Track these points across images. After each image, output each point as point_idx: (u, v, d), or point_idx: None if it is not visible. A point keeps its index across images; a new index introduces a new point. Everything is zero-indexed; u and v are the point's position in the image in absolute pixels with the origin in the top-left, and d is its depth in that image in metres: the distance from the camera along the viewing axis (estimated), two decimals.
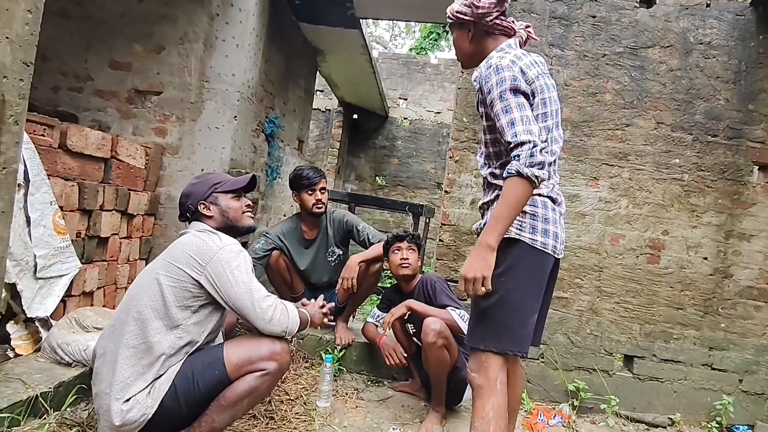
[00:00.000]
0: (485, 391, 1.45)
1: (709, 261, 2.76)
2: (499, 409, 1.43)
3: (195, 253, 1.52)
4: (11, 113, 1.38)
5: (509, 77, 1.43)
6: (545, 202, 1.50)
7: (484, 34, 1.59)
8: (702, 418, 2.73)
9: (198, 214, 1.69)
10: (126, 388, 1.43)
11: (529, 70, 1.48)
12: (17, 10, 1.35)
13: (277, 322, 1.58)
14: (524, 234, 1.45)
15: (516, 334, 1.46)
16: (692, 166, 2.76)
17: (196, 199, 1.69)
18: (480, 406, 1.45)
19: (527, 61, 1.51)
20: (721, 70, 2.77)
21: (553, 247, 1.49)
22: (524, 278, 1.45)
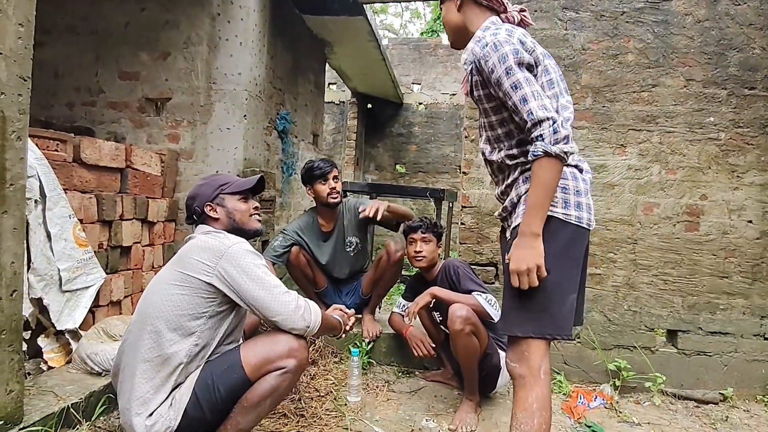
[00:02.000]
0: (528, 381, 1.35)
1: (755, 224, 2.56)
2: (543, 399, 1.34)
3: (203, 255, 1.49)
4: (13, 129, 1.37)
5: (511, 51, 1.34)
6: (574, 173, 1.40)
7: (473, 4, 1.52)
8: (757, 391, 2.56)
9: (204, 216, 1.66)
10: (146, 402, 1.41)
11: (526, 39, 1.40)
12: (8, 24, 1.33)
13: (299, 317, 1.53)
14: (557, 209, 1.35)
15: (555, 316, 1.35)
16: (729, 124, 2.56)
17: (202, 201, 1.65)
18: (523, 397, 1.35)
19: (520, 31, 1.43)
20: (754, 16, 2.55)
21: (588, 221, 1.40)
22: (560, 256, 1.35)
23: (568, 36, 2.65)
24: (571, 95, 2.63)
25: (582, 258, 1.45)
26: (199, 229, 1.64)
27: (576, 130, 2.66)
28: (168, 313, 1.45)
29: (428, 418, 2.11)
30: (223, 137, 2.96)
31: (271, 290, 1.50)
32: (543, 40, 2.66)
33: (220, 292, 1.49)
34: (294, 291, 1.61)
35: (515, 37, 1.38)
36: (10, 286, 1.40)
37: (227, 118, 2.95)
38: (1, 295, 1.37)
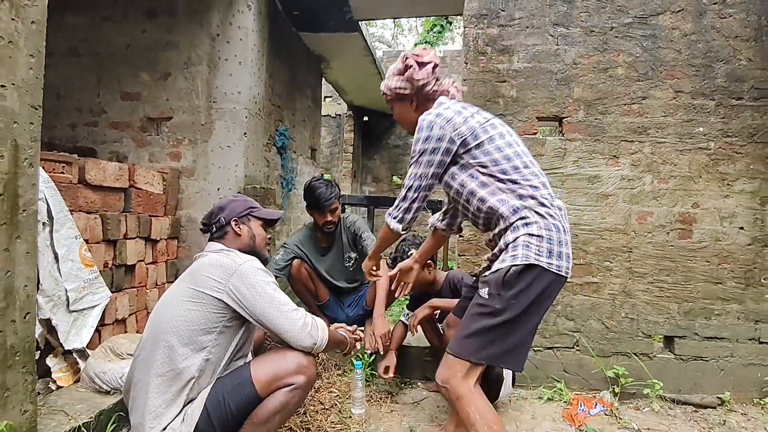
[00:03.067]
0: (466, 398, 1.50)
1: (746, 230, 2.63)
2: (482, 408, 1.50)
3: (214, 272, 1.53)
4: (25, 156, 1.42)
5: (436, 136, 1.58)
6: (557, 225, 1.51)
7: (426, 101, 1.72)
8: (754, 395, 2.60)
9: (222, 231, 1.71)
10: (159, 416, 1.45)
11: (465, 122, 1.58)
12: (20, 56, 1.39)
13: (306, 334, 1.57)
14: (542, 259, 1.46)
15: (512, 351, 1.51)
16: (718, 133, 2.64)
17: (231, 215, 1.71)
18: (465, 415, 1.50)
19: (467, 113, 1.61)
20: (740, 29, 2.64)
21: (566, 269, 1.52)
22: (534, 302, 1.48)
23: (559, 51, 2.73)
24: (563, 108, 2.72)
25: (549, 305, 1.59)
26: (211, 246, 1.68)
27: (570, 142, 2.73)
28: (180, 328, 1.49)
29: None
30: (224, 155, 3.01)
31: (280, 307, 1.55)
32: (535, 55, 2.74)
33: (230, 308, 1.53)
34: (302, 308, 1.65)
35: (443, 117, 1.59)
36: (23, 309, 1.44)
37: (228, 136, 3.01)
38: (15, 318, 1.41)
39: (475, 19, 2.79)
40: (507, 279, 1.46)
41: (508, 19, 2.76)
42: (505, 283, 1.46)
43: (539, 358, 2.72)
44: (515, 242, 1.48)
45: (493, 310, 1.47)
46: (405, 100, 1.75)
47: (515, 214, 1.51)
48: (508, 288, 1.46)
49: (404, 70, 1.71)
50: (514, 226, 1.51)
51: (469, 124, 1.58)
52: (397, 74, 1.74)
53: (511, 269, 1.46)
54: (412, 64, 1.68)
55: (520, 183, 1.53)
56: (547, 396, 2.55)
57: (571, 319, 2.71)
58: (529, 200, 1.51)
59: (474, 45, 2.79)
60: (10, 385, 1.40)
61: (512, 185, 1.53)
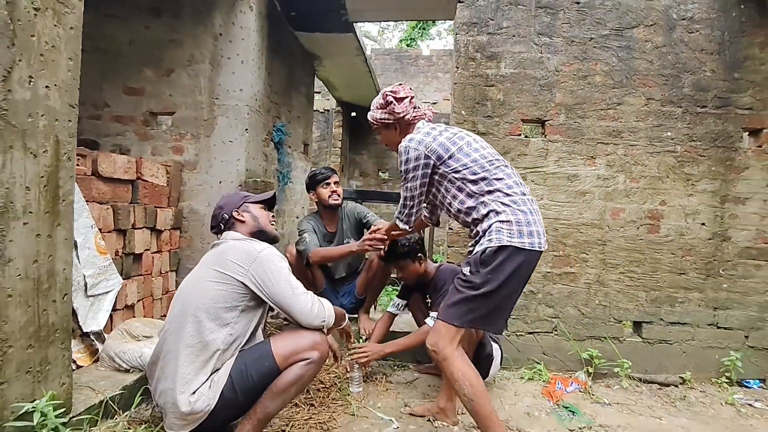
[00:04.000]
0: (448, 360, 1.78)
1: (707, 226, 2.90)
2: (463, 368, 1.77)
3: (238, 259, 1.72)
4: (64, 151, 1.56)
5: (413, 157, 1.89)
6: (524, 210, 1.78)
7: (407, 126, 2.04)
8: (712, 374, 2.89)
9: (231, 223, 1.91)
10: (188, 382, 1.62)
11: (434, 140, 1.89)
12: (61, 59, 1.52)
13: (315, 314, 1.77)
14: (514, 239, 1.73)
15: (491, 318, 1.79)
16: (684, 138, 2.90)
17: (230, 208, 1.92)
18: (449, 374, 1.79)
19: (435, 132, 1.93)
20: (705, 43, 2.90)
21: (539, 244, 1.77)
22: (509, 276, 1.73)
23: (543, 59, 2.95)
24: (546, 112, 2.94)
25: (529, 274, 1.84)
26: (228, 235, 1.88)
27: (551, 143, 2.95)
28: (208, 305, 1.68)
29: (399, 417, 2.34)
30: (226, 149, 3.14)
31: (294, 291, 1.73)
32: (521, 62, 2.95)
33: (251, 290, 1.71)
34: (310, 291, 1.83)
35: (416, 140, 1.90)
36: (62, 290, 1.58)
37: (230, 132, 3.14)
38: (56, 298, 1.55)
39: (466, 27, 2.99)
40: (483, 258, 1.74)
41: (497, 27, 2.97)
42: (482, 262, 1.74)
43: (521, 342, 2.96)
44: (489, 229, 1.77)
45: (474, 284, 1.74)
46: (389, 127, 2.07)
47: (486, 207, 1.79)
48: (485, 266, 1.73)
49: (386, 105, 2.02)
50: (488, 217, 1.79)
51: (438, 140, 1.88)
52: (380, 108, 2.05)
53: (486, 250, 1.74)
54: (391, 101, 2.00)
55: (488, 178, 1.82)
56: (528, 376, 2.79)
57: (551, 306, 2.95)
58: (497, 193, 1.80)
59: (464, 51, 2.99)
60: (51, 360, 1.54)
61: (482, 183, 1.82)
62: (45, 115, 1.47)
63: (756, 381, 2.90)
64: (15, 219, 1.38)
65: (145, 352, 2.05)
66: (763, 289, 2.90)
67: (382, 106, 2.03)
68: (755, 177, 2.88)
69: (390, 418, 2.20)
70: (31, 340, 1.46)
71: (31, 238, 1.44)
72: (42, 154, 1.46)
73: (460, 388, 1.75)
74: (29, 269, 1.44)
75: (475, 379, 1.76)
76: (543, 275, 2.95)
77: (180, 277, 3.15)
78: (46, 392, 1.48)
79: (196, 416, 1.62)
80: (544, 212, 2.93)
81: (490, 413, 1.74)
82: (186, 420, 1.62)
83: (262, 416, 1.71)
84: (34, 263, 1.46)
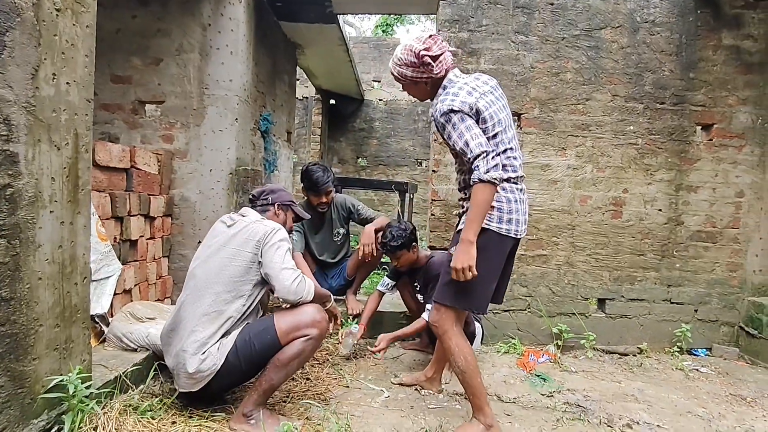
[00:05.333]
0: (449, 334, 1.93)
1: (664, 212, 3.21)
2: (460, 344, 1.93)
3: (254, 236, 1.92)
4: (83, 143, 1.65)
5: (456, 109, 1.78)
6: (508, 198, 1.86)
7: (438, 80, 1.92)
8: (665, 345, 3.23)
9: (266, 207, 2.14)
10: (202, 345, 1.80)
11: (470, 96, 1.81)
12: (79, 56, 1.61)
13: (294, 291, 1.88)
14: (493, 224, 1.85)
15: (476, 297, 1.91)
16: (644, 131, 3.18)
17: (278, 199, 2.18)
18: (447, 347, 1.94)
19: (470, 86, 1.85)
20: (665, 44, 3.17)
21: (515, 232, 1.89)
22: (492, 257, 1.86)
23: (519, 56, 3.16)
24: (522, 106, 3.15)
25: (505, 258, 1.94)
26: (249, 212, 2.09)
27: (527, 135, 3.18)
28: (225, 278, 1.86)
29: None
30: (216, 138, 3.22)
31: (282, 265, 1.89)
32: (499, 58, 3.15)
33: (260, 264, 1.90)
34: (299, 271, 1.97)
35: (462, 93, 1.80)
36: (82, 274, 1.69)
37: (220, 121, 3.22)
38: (77, 281, 1.66)
39: (448, 24, 3.16)
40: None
41: (477, 25, 3.15)
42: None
43: (497, 319, 3.21)
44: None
45: None
46: (419, 83, 1.94)
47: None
48: None
49: (420, 65, 1.86)
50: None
51: (481, 103, 1.81)
52: (411, 66, 1.88)
53: None
54: (429, 62, 1.85)
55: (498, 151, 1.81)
56: (504, 350, 3.05)
57: (525, 286, 3.21)
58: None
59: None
60: (75, 338, 1.66)
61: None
62: (66, 110, 1.56)
63: (703, 350, 3.26)
64: (43, 207, 1.49)
65: (151, 333, 2.18)
66: (710, 268, 3.24)
67: (414, 65, 1.86)
68: (706, 168, 3.20)
69: (381, 389, 2.40)
70: (57, 320, 1.57)
71: (56, 225, 1.55)
72: (64, 146, 1.56)
73: (456, 360, 1.92)
74: (55, 254, 1.55)
75: (469, 353, 1.93)
76: (518, 257, 3.18)
77: (172, 263, 3.24)
78: (72, 368, 1.61)
79: (203, 374, 1.80)
80: None
81: (479, 385, 1.93)
82: (194, 379, 1.81)
83: (267, 387, 1.88)
84: (59, 248, 1.57)
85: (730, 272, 3.24)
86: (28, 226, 1.44)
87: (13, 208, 1.38)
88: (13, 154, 1.38)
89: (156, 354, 2.18)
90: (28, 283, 1.45)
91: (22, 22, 1.37)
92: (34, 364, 1.48)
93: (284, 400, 2.18)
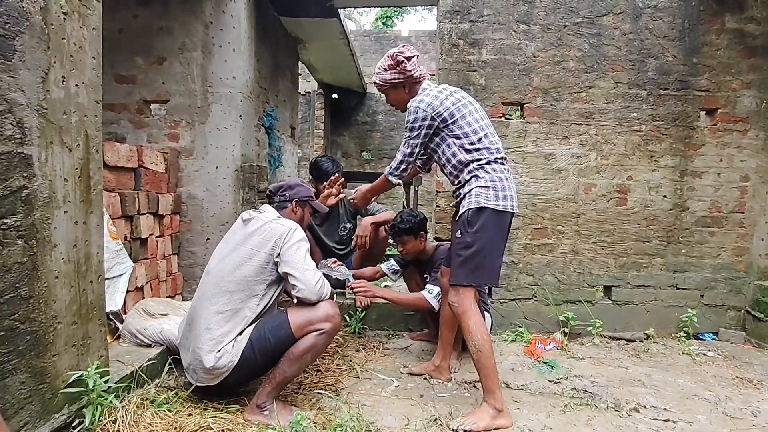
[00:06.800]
0: (467, 313, 2.04)
1: (668, 198, 3.21)
2: (478, 323, 2.04)
3: (272, 237, 1.93)
4: (93, 144, 1.69)
5: (420, 114, 2.10)
6: (500, 177, 2.06)
7: (414, 85, 2.22)
8: (672, 330, 3.25)
9: (283, 204, 2.14)
10: (218, 344, 1.83)
11: (435, 100, 2.10)
12: (86, 59, 1.63)
13: (317, 291, 1.92)
14: (491, 203, 2.02)
15: (488, 271, 2.07)
16: (648, 118, 3.17)
17: (296, 195, 2.17)
18: (466, 326, 2.04)
19: (438, 90, 2.14)
20: (668, 30, 3.15)
21: (512, 207, 2.07)
22: (492, 232, 2.03)
23: (521, 45, 3.15)
24: (525, 95, 3.15)
25: (507, 232, 2.14)
26: (267, 209, 2.09)
27: (529, 125, 3.19)
28: (238, 277, 1.89)
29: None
30: (221, 136, 3.25)
31: (304, 265, 1.91)
32: (501, 48, 3.14)
33: (276, 264, 1.92)
34: (320, 272, 2.00)
35: (428, 99, 2.10)
36: (97, 272, 1.73)
37: (224, 119, 3.25)
38: (93, 279, 1.70)
39: (449, 15, 3.15)
40: (469, 219, 2.02)
41: (478, 15, 3.14)
42: (468, 222, 2.02)
43: (505, 309, 3.24)
44: (470, 193, 2.05)
45: (467, 243, 2.02)
46: (398, 87, 2.23)
47: (470, 174, 2.07)
48: (471, 225, 2.02)
49: (396, 65, 2.17)
50: (468, 182, 2.08)
51: (445, 105, 2.09)
52: (389, 69, 2.20)
53: (469, 212, 2.02)
54: (402, 60, 2.15)
55: (480, 149, 2.07)
56: (512, 338, 3.08)
57: (531, 275, 3.23)
58: (482, 161, 2.06)
59: (448, 38, 3.16)
60: (91, 334, 1.71)
61: (474, 152, 2.07)
62: (76, 112, 1.59)
63: (710, 334, 3.28)
64: (57, 208, 1.52)
65: (165, 328, 2.22)
66: (716, 253, 3.24)
67: (391, 66, 2.17)
68: (710, 153, 3.19)
69: (390, 378, 2.44)
70: (75, 317, 1.62)
71: (70, 225, 1.58)
72: (76, 147, 1.59)
73: (473, 339, 2.00)
74: (70, 253, 1.59)
75: (486, 334, 2.02)
76: (523, 246, 3.22)
77: (181, 260, 3.29)
78: (91, 363, 1.65)
79: (220, 371, 1.84)
80: (524, 189, 3.18)
81: (492, 366, 1.99)
82: (212, 374, 1.85)
83: (280, 379, 1.92)
84: (74, 247, 1.61)
85: (736, 257, 3.24)
86: (44, 226, 1.48)
87: (29, 209, 1.42)
88: (27, 156, 1.41)
89: (170, 349, 2.23)
90: (46, 282, 1.49)
91: (30, 26, 1.40)
92: (53, 360, 1.53)
93: (296, 392, 2.22)
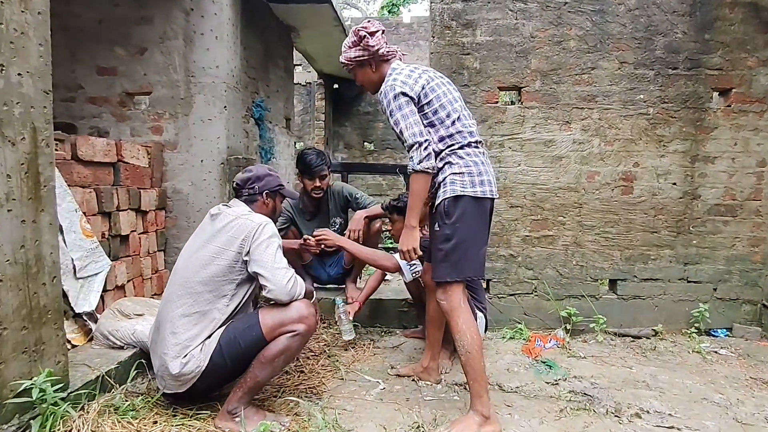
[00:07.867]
0: (455, 311, 1.89)
1: (678, 185, 3.01)
2: (467, 321, 1.88)
3: (240, 233, 1.80)
4: (42, 137, 1.57)
5: (397, 91, 1.87)
6: (475, 162, 1.91)
7: (382, 63, 2.04)
8: (682, 326, 3.06)
9: (255, 199, 1.97)
10: (184, 348, 1.72)
11: (409, 78, 1.91)
12: (31, 45, 1.51)
13: (288, 291, 1.79)
14: (468, 189, 1.87)
15: (472, 263, 1.91)
16: (656, 100, 2.96)
17: (265, 187, 1.99)
18: (454, 324, 1.89)
19: (409, 69, 1.96)
20: (677, 4, 2.92)
21: (490, 192, 1.92)
22: (473, 221, 1.89)
23: (518, 25, 2.96)
24: (522, 78, 2.97)
25: (487, 219, 1.99)
26: (237, 204, 1.94)
27: (528, 110, 3.00)
28: (205, 277, 1.76)
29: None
30: (205, 128, 3.13)
31: (274, 263, 1.79)
32: (496, 29, 2.96)
33: (246, 263, 1.79)
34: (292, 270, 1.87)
35: (401, 78, 1.90)
36: (51, 273, 1.63)
37: (208, 110, 3.13)
38: (45, 281, 1.60)
39: None
40: (446, 210, 1.87)
41: None
42: (446, 213, 1.87)
43: (503, 304, 3.09)
44: (444, 181, 1.90)
45: (446, 236, 1.87)
46: (364, 65, 2.06)
47: (442, 161, 1.90)
48: (449, 216, 1.87)
49: (359, 41, 2.01)
50: (442, 170, 1.91)
51: (420, 83, 1.92)
52: (353, 46, 2.03)
53: (445, 202, 1.87)
54: (364, 35, 1.99)
55: (453, 134, 1.91)
56: (510, 335, 2.93)
57: (530, 269, 3.07)
58: (454, 146, 1.90)
59: (440, 19, 2.98)
60: (46, 339, 1.61)
61: (447, 138, 1.91)
62: (20, 103, 1.48)
63: (723, 330, 3.08)
64: None
65: (137, 329, 2.13)
66: (730, 243, 3.04)
67: (355, 43, 2.02)
68: (724, 136, 2.97)
69: (377, 380, 2.32)
70: (24, 322, 1.52)
71: (16, 225, 1.48)
72: (20, 141, 1.48)
73: (461, 338, 1.85)
74: (17, 254, 1.48)
75: (476, 333, 1.87)
76: (522, 239, 3.05)
77: (168, 257, 3.20)
78: (42, 370, 1.55)
79: (187, 377, 1.73)
80: (522, 178, 3.01)
81: (481, 369, 1.85)
82: (179, 381, 1.74)
83: (252, 384, 1.80)
84: (21, 248, 1.50)
85: (751, 247, 3.03)
86: None
87: None
88: None
89: (143, 351, 2.13)
90: None
91: None
92: None
93: (275, 395, 2.11)
